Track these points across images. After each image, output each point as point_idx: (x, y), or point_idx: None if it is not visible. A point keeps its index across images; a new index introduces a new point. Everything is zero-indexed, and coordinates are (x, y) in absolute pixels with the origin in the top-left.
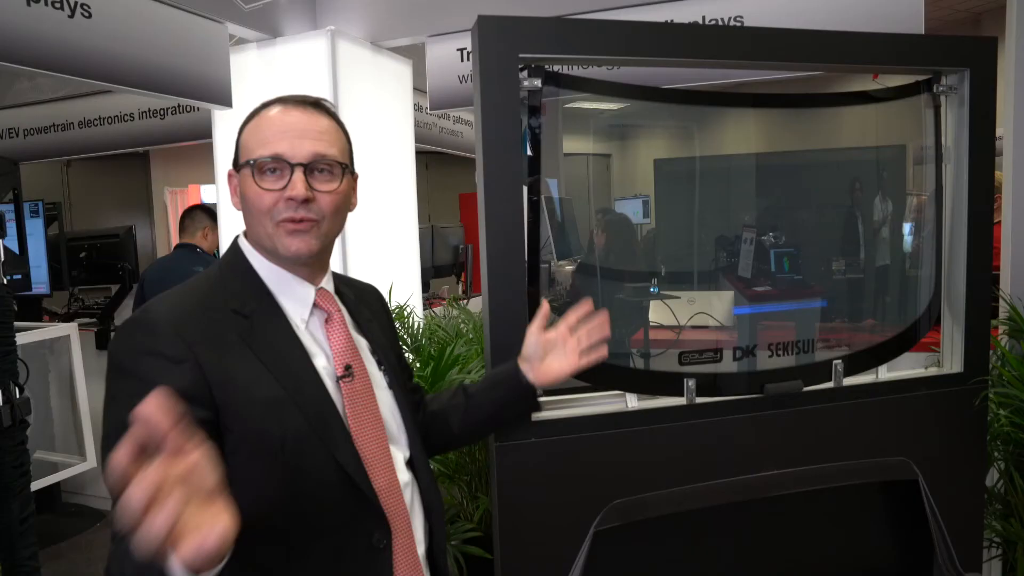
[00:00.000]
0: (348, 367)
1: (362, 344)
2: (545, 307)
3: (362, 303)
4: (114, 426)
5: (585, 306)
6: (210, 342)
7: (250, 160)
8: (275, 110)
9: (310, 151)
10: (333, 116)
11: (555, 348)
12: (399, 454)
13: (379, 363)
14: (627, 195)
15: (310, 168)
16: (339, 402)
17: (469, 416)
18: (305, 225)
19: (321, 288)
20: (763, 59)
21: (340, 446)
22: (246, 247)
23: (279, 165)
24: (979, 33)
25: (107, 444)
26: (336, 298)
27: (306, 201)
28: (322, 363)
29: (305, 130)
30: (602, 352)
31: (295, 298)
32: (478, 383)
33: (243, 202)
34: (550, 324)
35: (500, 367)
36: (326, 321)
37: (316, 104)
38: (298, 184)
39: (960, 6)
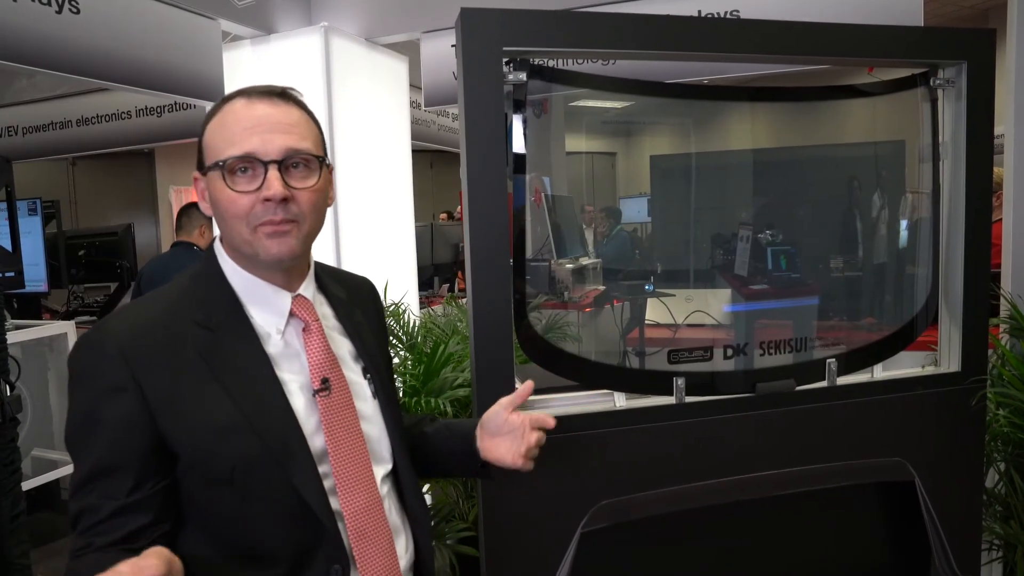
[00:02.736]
0: (325, 380)
1: (346, 351)
2: (527, 387)
3: (354, 303)
4: (68, 434)
5: (548, 421)
6: (160, 364)
7: (219, 161)
8: (239, 104)
9: (283, 146)
10: (301, 105)
11: (512, 432)
12: (380, 468)
13: (364, 370)
14: (632, 193)
15: (284, 165)
16: (312, 419)
17: (420, 451)
18: (285, 227)
19: (298, 295)
20: (755, 52)
21: (300, 471)
22: (220, 254)
23: (251, 164)
24: None
25: (69, 446)
26: (314, 306)
27: (284, 201)
28: (297, 376)
29: (275, 124)
30: (528, 466)
31: (270, 308)
32: (441, 424)
33: (215, 207)
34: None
35: (468, 421)
36: (303, 330)
37: (282, 94)
38: (274, 183)
39: (965, 2)
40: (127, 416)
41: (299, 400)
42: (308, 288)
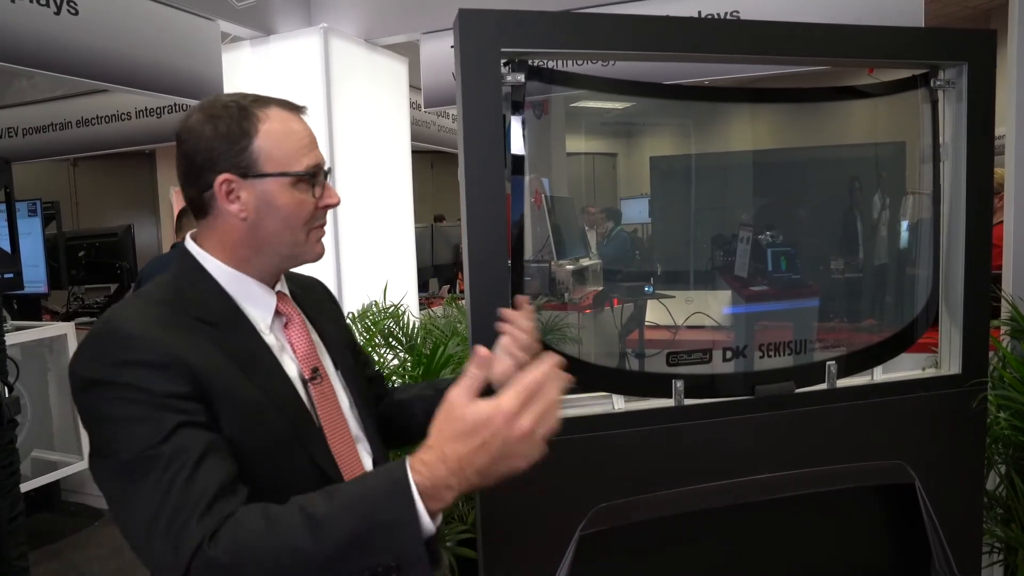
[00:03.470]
0: (315, 369)
1: (319, 344)
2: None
3: (309, 300)
4: (126, 441)
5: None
6: (193, 348)
7: (302, 172)
8: (289, 117)
9: (325, 159)
10: None
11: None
12: (366, 455)
13: (335, 363)
14: (633, 194)
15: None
16: (309, 405)
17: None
18: (326, 231)
19: (279, 292)
20: (754, 53)
21: (317, 448)
22: (202, 255)
23: (318, 176)
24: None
25: (127, 461)
26: (292, 300)
27: None
28: (289, 367)
29: (315, 139)
30: None
31: (259, 304)
32: (419, 387)
33: (270, 211)
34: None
35: (446, 380)
36: (285, 325)
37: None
38: (335, 193)
39: (968, 2)
40: (182, 390)
41: (298, 388)
42: (283, 286)
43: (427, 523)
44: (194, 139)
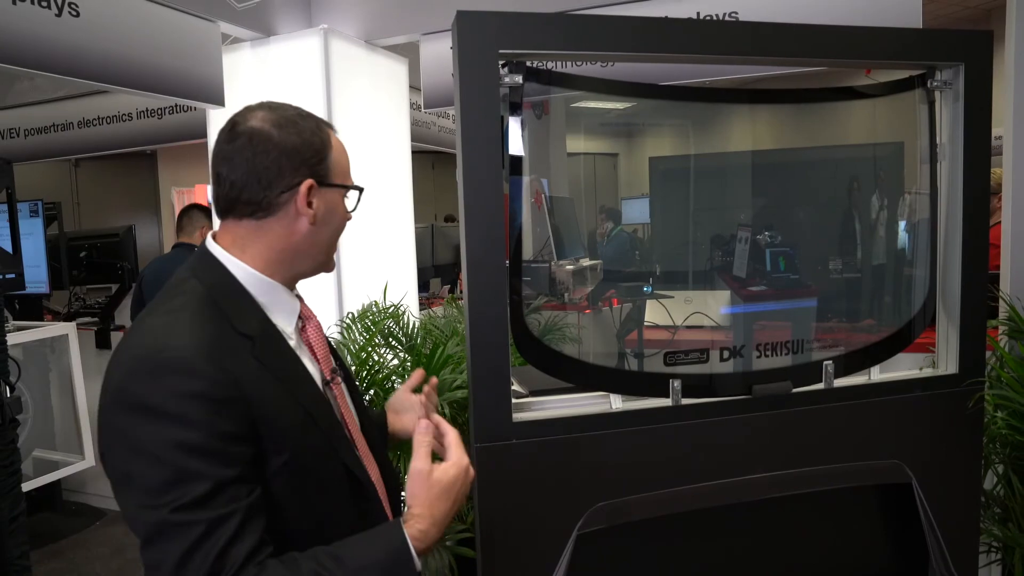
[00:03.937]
0: (334, 369)
1: None
2: (419, 372)
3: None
4: (170, 491)
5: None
6: (243, 371)
7: (358, 188)
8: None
9: None
10: None
11: (412, 408)
12: (369, 451)
13: (334, 359)
14: (634, 194)
15: None
16: (334, 407)
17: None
18: None
19: (298, 296)
20: (752, 54)
21: (345, 451)
22: (229, 261)
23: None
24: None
25: (167, 520)
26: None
27: None
28: (310, 368)
29: None
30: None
31: (285, 310)
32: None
33: (327, 217)
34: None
35: (378, 411)
36: (303, 328)
37: None
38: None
39: (967, 2)
40: (237, 429)
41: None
42: (297, 290)
43: (419, 569)
44: (276, 140)
